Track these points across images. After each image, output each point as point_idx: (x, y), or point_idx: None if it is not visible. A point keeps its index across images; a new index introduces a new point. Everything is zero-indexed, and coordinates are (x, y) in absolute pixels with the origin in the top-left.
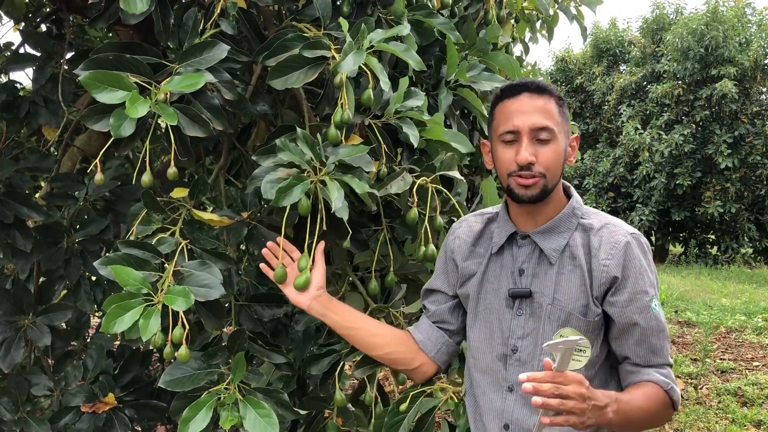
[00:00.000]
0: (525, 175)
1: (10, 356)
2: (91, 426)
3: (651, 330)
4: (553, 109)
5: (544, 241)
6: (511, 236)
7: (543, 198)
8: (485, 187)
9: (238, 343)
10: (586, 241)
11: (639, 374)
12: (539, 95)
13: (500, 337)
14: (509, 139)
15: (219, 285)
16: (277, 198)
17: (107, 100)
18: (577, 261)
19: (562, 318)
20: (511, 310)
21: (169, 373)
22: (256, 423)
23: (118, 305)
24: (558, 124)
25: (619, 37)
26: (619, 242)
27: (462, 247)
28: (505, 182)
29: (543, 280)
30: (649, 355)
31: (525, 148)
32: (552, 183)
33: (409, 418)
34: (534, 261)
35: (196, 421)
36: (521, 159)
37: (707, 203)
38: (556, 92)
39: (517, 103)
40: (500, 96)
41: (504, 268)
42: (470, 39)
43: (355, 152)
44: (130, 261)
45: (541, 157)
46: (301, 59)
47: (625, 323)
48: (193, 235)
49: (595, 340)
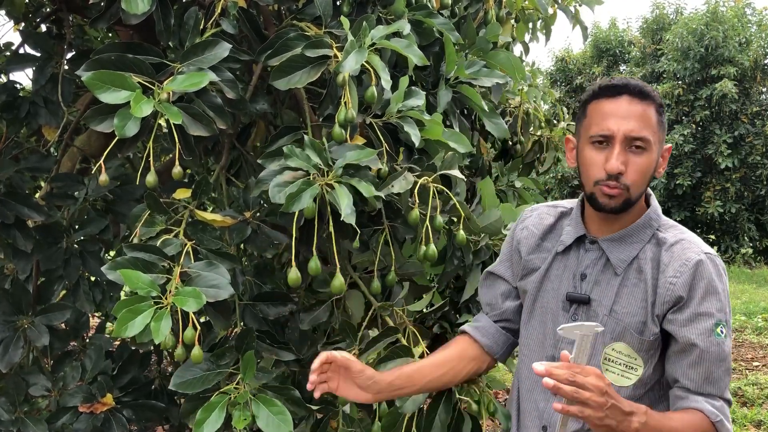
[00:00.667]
0: (611, 185)
1: (8, 356)
2: (89, 426)
3: (709, 355)
4: (652, 116)
5: (613, 249)
6: (580, 238)
7: (624, 210)
8: (483, 187)
9: (246, 342)
10: (656, 255)
11: (687, 400)
12: (640, 100)
13: (552, 339)
14: (600, 141)
15: (227, 285)
16: (288, 204)
17: (111, 101)
18: (643, 275)
19: (617, 331)
20: (566, 314)
21: (179, 375)
22: (270, 421)
23: (128, 309)
24: (655, 134)
25: (619, 37)
26: (690, 260)
27: (529, 239)
28: (590, 189)
29: (604, 289)
30: (702, 382)
31: (616, 157)
32: (636, 196)
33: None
34: (599, 268)
35: (210, 422)
36: (612, 168)
37: (707, 203)
38: (659, 98)
39: (614, 105)
40: (597, 93)
41: (567, 269)
42: (470, 39)
43: (363, 155)
44: (137, 264)
45: (631, 167)
46: (303, 59)
47: (683, 343)
48: (197, 236)
49: (649, 360)
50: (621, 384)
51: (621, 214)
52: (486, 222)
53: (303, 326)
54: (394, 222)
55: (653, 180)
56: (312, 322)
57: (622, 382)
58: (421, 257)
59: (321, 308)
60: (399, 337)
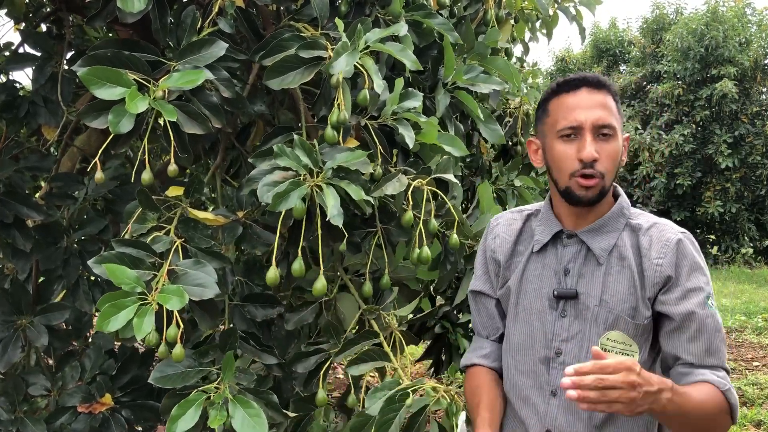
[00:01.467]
0: (587, 175)
1: (7, 356)
2: (87, 426)
3: (707, 327)
4: (612, 105)
5: (593, 240)
6: (556, 235)
7: (600, 200)
8: (482, 190)
9: (229, 342)
10: (635, 241)
11: (692, 375)
12: (599, 90)
13: (543, 339)
14: (569, 134)
15: (213, 284)
16: (275, 203)
17: (106, 96)
18: (626, 262)
19: (610, 320)
20: (554, 312)
21: (160, 369)
22: (245, 422)
23: (111, 304)
24: (617, 121)
25: (619, 37)
26: (671, 240)
27: (504, 246)
28: (565, 183)
29: (590, 281)
30: (704, 354)
31: (589, 144)
32: (609, 183)
33: (401, 415)
34: (580, 261)
35: (185, 419)
36: (587, 155)
37: (707, 203)
38: (614, 87)
39: (576, 98)
40: (556, 90)
41: (546, 268)
42: (469, 42)
43: (353, 158)
44: (124, 259)
45: (603, 154)
46: (297, 59)
47: (680, 319)
48: (187, 234)
49: (643, 345)
50: None
51: (594, 206)
52: (481, 226)
53: (288, 326)
54: (387, 225)
55: (653, 180)
56: (298, 322)
57: None
58: (415, 260)
59: (308, 309)
60: (381, 341)
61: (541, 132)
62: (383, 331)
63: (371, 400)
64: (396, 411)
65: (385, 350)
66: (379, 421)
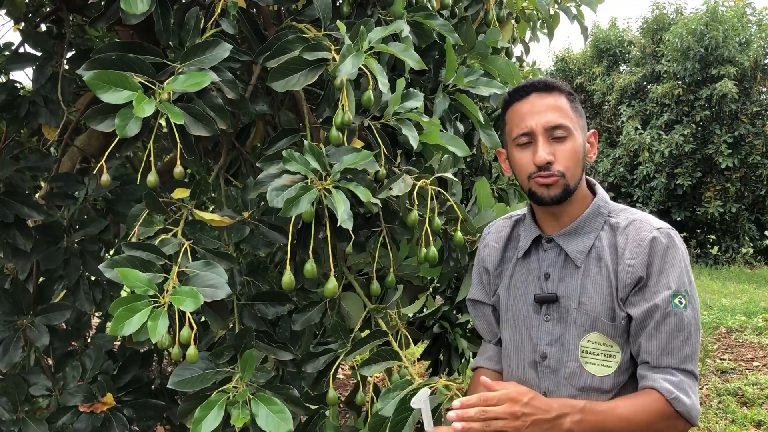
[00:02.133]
0: (544, 175)
1: (8, 356)
2: (89, 426)
3: (666, 326)
4: (564, 105)
5: (569, 243)
6: (537, 239)
7: (566, 198)
8: (479, 187)
9: (245, 341)
10: (612, 241)
11: (645, 379)
12: (548, 93)
13: (529, 344)
14: (524, 141)
15: (225, 285)
16: (286, 208)
17: (112, 100)
18: (603, 262)
19: (589, 322)
20: (538, 316)
21: (178, 374)
22: (269, 419)
23: (125, 308)
24: (572, 120)
25: (619, 37)
26: (644, 239)
27: (492, 255)
28: (526, 186)
29: (569, 284)
30: (660, 353)
31: (542, 148)
32: (573, 182)
33: (414, 414)
34: (560, 264)
35: (208, 420)
36: (539, 159)
37: (707, 203)
38: (566, 87)
39: (527, 105)
40: (509, 100)
41: (530, 273)
42: (469, 42)
43: (360, 159)
44: (134, 263)
45: (559, 155)
46: (301, 61)
47: (640, 317)
48: (195, 236)
49: (625, 345)
50: (603, 373)
51: (566, 207)
52: (481, 222)
53: (295, 327)
54: (391, 224)
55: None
56: (305, 322)
57: (604, 371)
58: (422, 259)
59: (314, 309)
60: (389, 339)
61: (504, 142)
62: (390, 330)
63: (384, 401)
64: (409, 411)
65: (395, 349)
66: (393, 421)
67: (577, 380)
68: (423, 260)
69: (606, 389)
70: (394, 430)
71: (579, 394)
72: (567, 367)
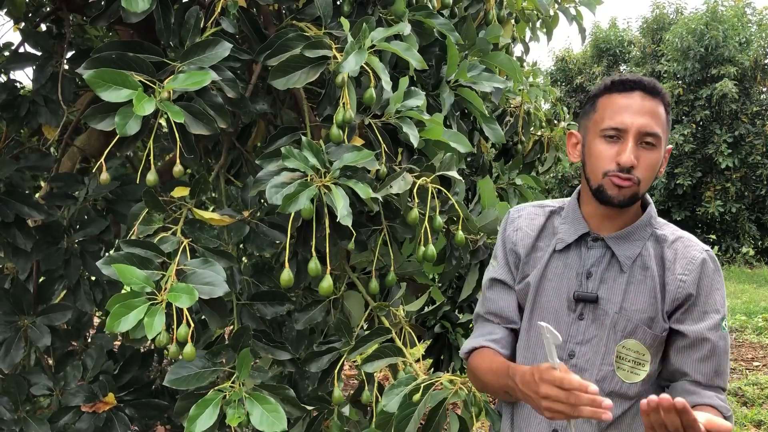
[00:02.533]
0: (623, 177)
1: (9, 356)
2: (91, 426)
3: (719, 350)
4: (662, 114)
5: (619, 246)
6: (581, 236)
7: (631, 204)
8: (483, 186)
9: (242, 340)
10: (659, 252)
11: (700, 396)
12: (653, 97)
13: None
14: (612, 135)
15: (223, 282)
16: (285, 205)
17: (113, 99)
18: (649, 272)
19: (629, 328)
20: (572, 313)
21: (174, 372)
22: (264, 418)
23: (122, 304)
24: (664, 132)
25: (619, 37)
26: (696, 258)
27: (525, 240)
28: (598, 181)
29: (612, 287)
30: (713, 375)
31: (630, 150)
32: (643, 191)
33: (419, 410)
34: (604, 265)
35: (203, 418)
36: (625, 160)
37: (708, 203)
38: (668, 97)
39: (628, 100)
40: (609, 88)
41: (568, 268)
42: (470, 39)
43: (360, 158)
44: (132, 260)
45: (642, 162)
46: (302, 59)
47: (694, 338)
48: (194, 234)
49: (656, 355)
50: (631, 380)
51: (623, 211)
52: (484, 221)
53: (297, 326)
54: (392, 222)
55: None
56: (307, 321)
57: (633, 378)
58: (420, 258)
59: (317, 308)
60: (393, 336)
61: (584, 126)
62: (393, 327)
63: (388, 397)
64: (414, 406)
65: (398, 346)
66: (398, 417)
67: (608, 384)
68: (422, 258)
69: (631, 396)
70: (399, 425)
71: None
72: (600, 370)
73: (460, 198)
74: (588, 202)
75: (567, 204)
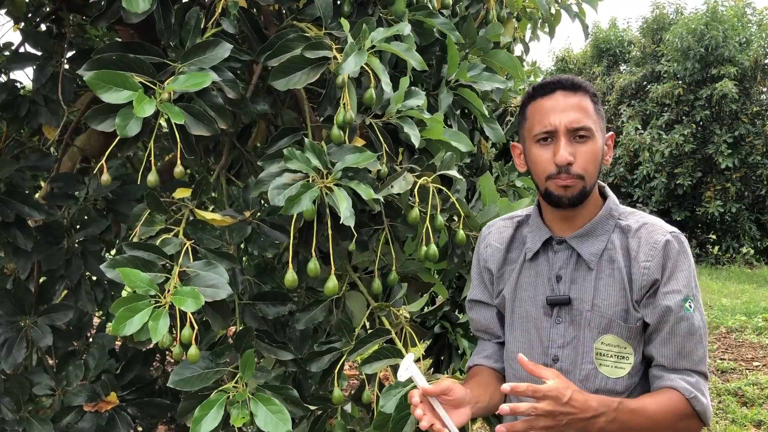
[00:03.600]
0: (564, 177)
1: (11, 357)
2: (94, 425)
3: (680, 330)
4: (588, 106)
5: (582, 245)
6: (547, 241)
7: (582, 201)
8: (483, 183)
9: (245, 341)
10: (624, 243)
11: (662, 379)
12: (574, 92)
13: (539, 346)
14: (545, 138)
15: (226, 285)
16: (287, 206)
17: (113, 100)
18: (616, 265)
19: (603, 324)
20: (549, 318)
21: (178, 372)
22: (268, 419)
23: (127, 308)
24: (595, 122)
25: (619, 37)
26: (658, 242)
27: (495, 255)
28: (543, 186)
29: (582, 286)
30: (676, 357)
31: (563, 148)
32: (590, 184)
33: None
34: (572, 266)
35: (208, 419)
36: (560, 159)
37: (707, 203)
38: (591, 88)
39: (551, 102)
40: (532, 95)
41: (539, 275)
42: (470, 38)
43: (362, 159)
44: (136, 263)
45: (579, 157)
46: (303, 60)
47: (657, 322)
48: (196, 236)
49: (638, 347)
50: (616, 375)
51: (579, 209)
52: (485, 218)
53: (299, 326)
54: (394, 221)
55: (653, 180)
56: (308, 321)
57: (618, 373)
58: (422, 257)
59: (318, 308)
60: (393, 337)
61: (522, 136)
62: (394, 327)
63: (386, 398)
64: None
65: (398, 347)
66: (395, 418)
67: (591, 382)
68: (423, 258)
69: (620, 390)
70: (396, 426)
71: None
72: (582, 369)
73: (461, 197)
74: (545, 207)
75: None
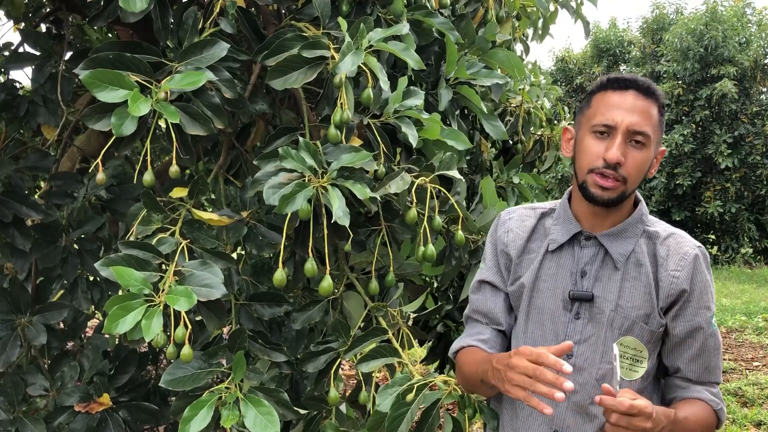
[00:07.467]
0: (607, 175)
1: (5, 355)
2: (85, 426)
3: (709, 347)
4: (654, 114)
5: (612, 244)
6: (574, 235)
7: (619, 203)
8: (484, 185)
9: (238, 342)
10: (651, 249)
11: (688, 390)
12: (646, 97)
13: (554, 340)
14: (602, 131)
15: (220, 284)
16: (281, 205)
17: (108, 99)
18: (643, 269)
19: (626, 325)
20: (568, 313)
21: (170, 372)
22: (257, 421)
23: (120, 306)
24: (654, 132)
25: (619, 37)
26: (689, 254)
27: (516, 242)
28: (582, 177)
29: (606, 285)
30: (703, 371)
31: (617, 147)
32: (630, 190)
33: (412, 410)
34: (598, 263)
35: (197, 420)
36: (611, 156)
37: (707, 203)
38: (662, 99)
39: (621, 98)
40: (605, 85)
41: (562, 268)
42: (469, 37)
43: (358, 159)
44: (130, 261)
45: (630, 160)
46: (300, 59)
47: (686, 337)
48: (193, 235)
49: (652, 351)
50: (630, 378)
51: (612, 209)
52: (484, 221)
53: (295, 326)
54: (391, 222)
55: (653, 180)
56: (305, 321)
57: (632, 376)
58: (420, 258)
59: (315, 308)
60: (390, 337)
61: (578, 122)
62: (391, 328)
63: (382, 397)
64: (407, 406)
65: (394, 346)
66: (390, 417)
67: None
68: (421, 258)
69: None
70: (391, 425)
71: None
72: (600, 368)
73: (461, 198)
74: (578, 200)
75: (558, 205)
